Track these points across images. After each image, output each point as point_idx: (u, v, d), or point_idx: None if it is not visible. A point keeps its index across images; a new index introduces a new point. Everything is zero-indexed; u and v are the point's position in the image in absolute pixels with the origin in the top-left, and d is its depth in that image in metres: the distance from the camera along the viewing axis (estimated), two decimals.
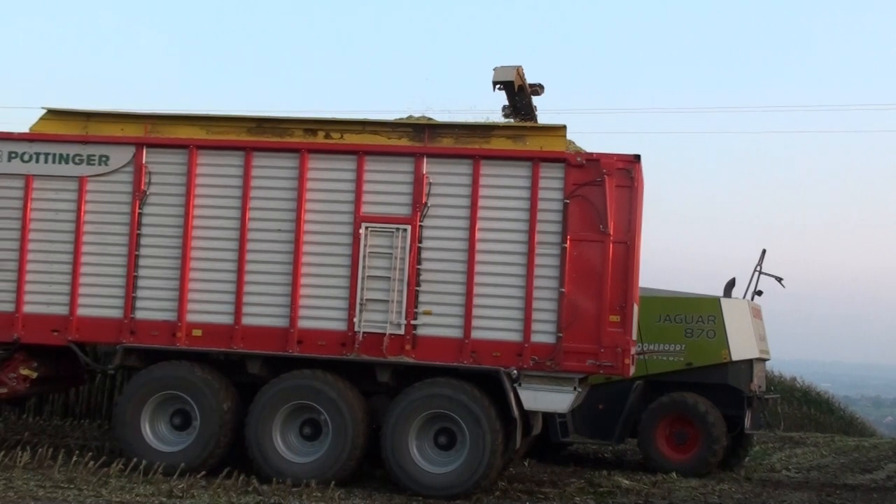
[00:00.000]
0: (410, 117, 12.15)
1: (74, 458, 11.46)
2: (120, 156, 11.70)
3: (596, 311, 10.85)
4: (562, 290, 10.89)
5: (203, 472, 10.97)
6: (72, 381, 13.42)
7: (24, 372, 11.93)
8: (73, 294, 11.65)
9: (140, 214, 11.63)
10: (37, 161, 11.83)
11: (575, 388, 10.92)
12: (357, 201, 11.31)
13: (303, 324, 11.30)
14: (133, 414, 11.39)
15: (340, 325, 11.24)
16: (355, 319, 11.17)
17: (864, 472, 16.16)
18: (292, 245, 11.36)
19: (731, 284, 15.36)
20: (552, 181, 11.02)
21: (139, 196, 11.63)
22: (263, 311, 11.38)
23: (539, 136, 11.26)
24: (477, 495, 10.91)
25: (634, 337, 11.16)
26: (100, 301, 11.63)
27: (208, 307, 11.48)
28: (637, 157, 10.98)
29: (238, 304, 11.40)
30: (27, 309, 11.73)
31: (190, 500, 9.92)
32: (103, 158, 11.74)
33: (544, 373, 10.89)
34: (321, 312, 11.30)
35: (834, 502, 12.47)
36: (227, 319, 11.42)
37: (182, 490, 10.32)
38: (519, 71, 12.73)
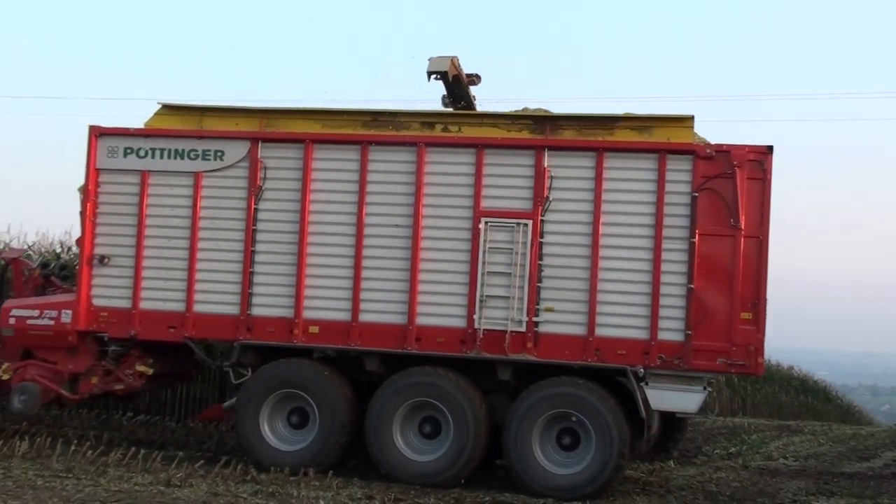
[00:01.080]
0: (526, 109, 11.90)
1: (73, 448, 11.48)
2: (235, 151, 11.61)
3: (727, 308, 10.48)
4: (690, 287, 10.54)
5: (202, 461, 10.97)
6: (183, 377, 13.42)
7: (140, 368, 11.94)
8: (190, 290, 11.60)
9: (255, 210, 11.53)
10: (152, 157, 11.80)
11: (705, 388, 10.57)
12: (476, 195, 11.08)
13: (421, 321, 11.10)
14: (252, 412, 11.29)
15: (460, 322, 11.02)
16: (475, 316, 10.93)
17: (861, 461, 15.85)
18: (410, 241, 11.17)
19: None
20: (680, 174, 10.67)
21: (254, 191, 11.53)
22: (381, 308, 11.21)
23: (665, 127, 10.91)
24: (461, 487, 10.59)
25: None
26: (216, 297, 11.56)
27: (325, 304, 11.33)
28: (770, 149, 10.58)
29: (355, 300, 11.24)
30: (144, 305, 11.70)
31: (188, 489, 9.84)
32: (218, 153, 11.66)
33: (672, 371, 10.57)
34: (440, 309, 11.09)
35: (831, 490, 12.20)
36: (344, 316, 11.27)
37: (180, 479, 10.27)
38: (454, 61, 12.55)
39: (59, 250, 17.93)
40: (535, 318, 10.84)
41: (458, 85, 12.69)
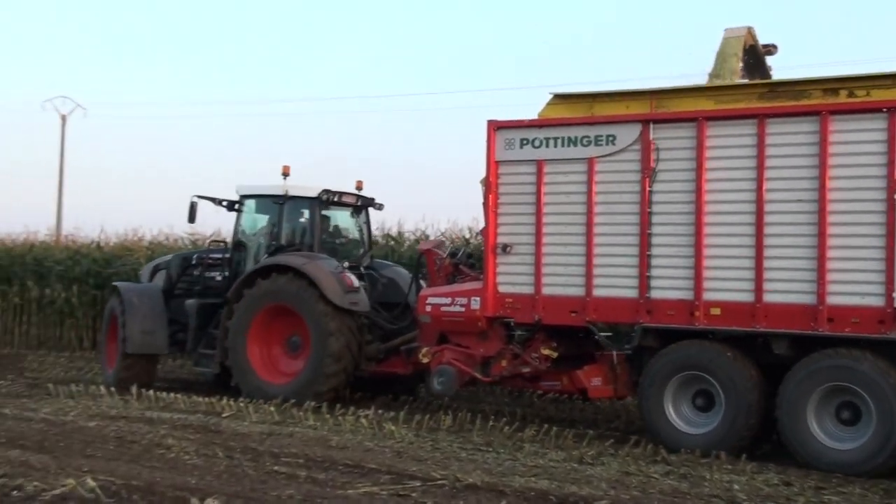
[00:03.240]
0: None
1: (490, 423, 12.17)
2: (627, 134, 11.62)
3: None
4: None
5: (611, 440, 11.26)
6: (583, 361, 13.70)
7: (545, 352, 12.36)
8: (589, 275, 11.80)
9: (650, 192, 11.48)
10: (546, 146, 12.14)
11: None
12: (890, 164, 10.19)
13: (832, 300, 10.44)
14: (656, 395, 11.30)
15: (877, 301, 10.23)
16: (895, 294, 10.11)
17: None
18: (816, 216, 10.54)
19: None
20: None
21: (648, 173, 11.47)
22: (787, 288, 10.70)
23: None
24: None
25: None
26: (615, 281, 11.66)
27: (726, 284, 11.02)
28: None
29: (758, 280, 10.81)
30: (546, 291, 12.09)
31: (601, 467, 9.89)
32: (610, 138, 11.74)
33: None
34: (853, 287, 10.37)
35: None
36: (747, 297, 10.89)
37: (592, 457, 10.41)
38: (750, 31, 12.03)
39: (467, 236, 19.17)
40: None
41: (753, 55, 12.30)
